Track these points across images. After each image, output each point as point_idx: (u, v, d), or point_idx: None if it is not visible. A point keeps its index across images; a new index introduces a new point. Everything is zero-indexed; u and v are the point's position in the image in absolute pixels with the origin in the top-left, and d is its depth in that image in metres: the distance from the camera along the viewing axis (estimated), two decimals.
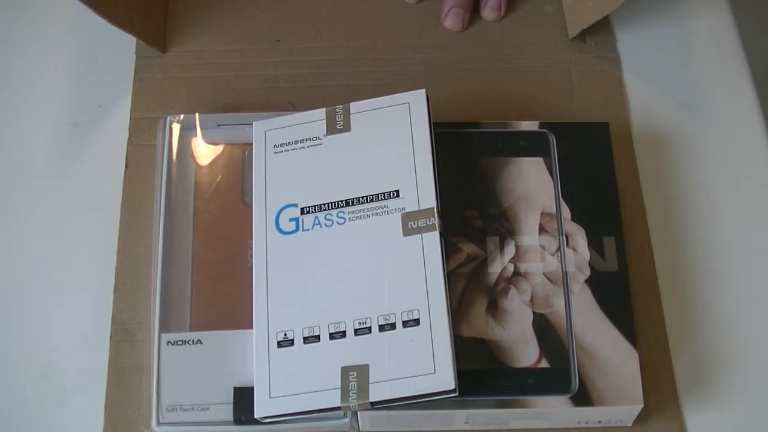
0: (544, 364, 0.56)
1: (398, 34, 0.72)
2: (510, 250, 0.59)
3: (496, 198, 0.60)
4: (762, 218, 0.66)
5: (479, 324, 0.57)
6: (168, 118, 0.64)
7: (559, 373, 0.56)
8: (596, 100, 0.69)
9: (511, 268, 0.58)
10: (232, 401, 0.56)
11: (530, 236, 0.59)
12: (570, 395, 0.56)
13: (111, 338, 0.61)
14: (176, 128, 0.64)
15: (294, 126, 0.61)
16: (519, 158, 0.62)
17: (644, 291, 0.62)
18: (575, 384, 0.56)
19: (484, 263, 0.59)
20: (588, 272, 0.58)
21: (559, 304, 0.58)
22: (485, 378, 0.56)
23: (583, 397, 0.56)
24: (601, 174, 0.62)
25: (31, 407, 0.60)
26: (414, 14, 0.73)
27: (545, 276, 0.58)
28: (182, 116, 0.64)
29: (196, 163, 0.63)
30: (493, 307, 0.57)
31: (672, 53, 0.72)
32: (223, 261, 0.61)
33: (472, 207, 0.60)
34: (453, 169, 0.61)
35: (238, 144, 0.64)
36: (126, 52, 0.70)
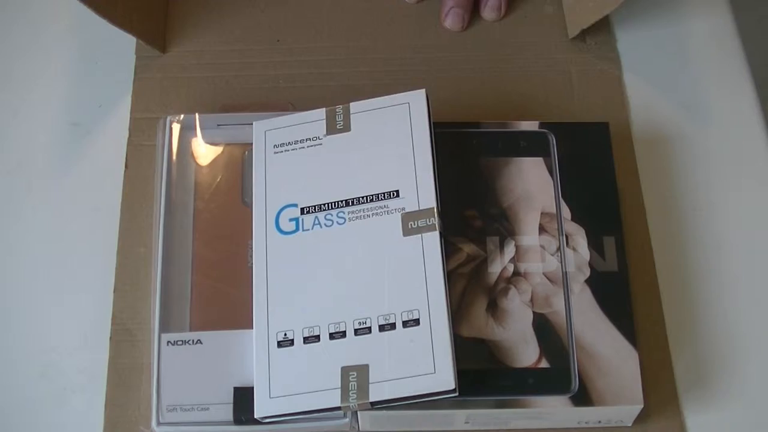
0: (544, 364, 0.56)
1: (398, 34, 0.72)
2: (510, 250, 0.59)
3: (496, 198, 0.60)
4: (762, 218, 0.66)
5: (479, 324, 0.57)
6: (168, 118, 0.64)
7: (559, 373, 0.56)
8: (596, 100, 0.69)
9: (511, 268, 0.58)
10: (232, 401, 0.56)
11: (530, 236, 0.59)
12: (570, 395, 0.56)
13: (111, 338, 0.61)
14: (176, 128, 0.64)
15: (294, 126, 0.61)
16: (519, 158, 0.62)
17: (644, 291, 0.62)
18: (575, 384, 0.56)
19: (484, 263, 0.59)
20: (588, 272, 0.58)
21: (559, 304, 0.58)
22: (485, 378, 0.56)
23: (583, 397, 0.56)
24: (601, 174, 0.62)
25: (31, 407, 0.60)
26: (414, 14, 0.73)
27: (545, 276, 0.58)
28: (182, 116, 0.64)
29: (196, 163, 0.63)
30: (493, 307, 0.57)
31: (672, 53, 0.72)
32: (223, 261, 0.61)
33: (472, 207, 0.60)
34: (453, 169, 0.61)
35: (238, 144, 0.64)
36: (126, 52, 0.70)
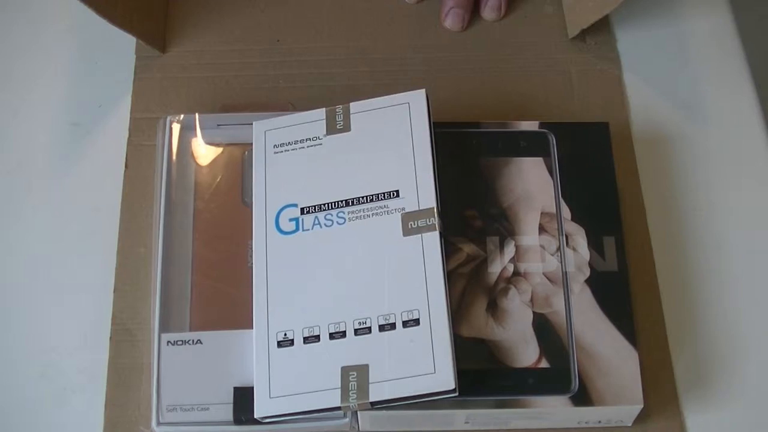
0: (544, 364, 0.56)
1: (398, 34, 0.72)
2: (510, 250, 0.59)
3: (496, 198, 0.60)
4: (762, 218, 0.66)
5: (479, 324, 0.57)
6: (168, 118, 0.64)
7: (559, 373, 0.56)
8: (596, 100, 0.69)
9: (511, 268, 0.58)
10: (232, 401, 0.56)
11: (530, 236, 0.59)
12: (570, 395, 0.56)
13: (111, 338, 0.61)
14: (176, 128, 0.64)
15: (294, 126, 0.61)
16: (519, 158, 0.62)
17: (644, 291, 0.62)
18: (575, 384, 0.56)
19: (484, 263, 0.59)
20: (588, 272, 0.58)
21: (559, 304, 0.58)
22: (485, 378, 0.56)
23: (583, 397, 0.56)
24: (601, 174, 0.62)
25: (31, 407, 0.60)
26: (414, 14, 0.73)
27: (545, 276, 0.58)
28: (182, 116, 0.64)
29: (196, 163, 0.63)
30: (493, 307, 0.57)
31: (671, 53, 0.72)
32: (223, 261, 0.61)
33: (472, 207, 0.60)
34: (453, 169, 0.61)
35: (238, 144, 0.64)
36: (126, 52, 0.70)
